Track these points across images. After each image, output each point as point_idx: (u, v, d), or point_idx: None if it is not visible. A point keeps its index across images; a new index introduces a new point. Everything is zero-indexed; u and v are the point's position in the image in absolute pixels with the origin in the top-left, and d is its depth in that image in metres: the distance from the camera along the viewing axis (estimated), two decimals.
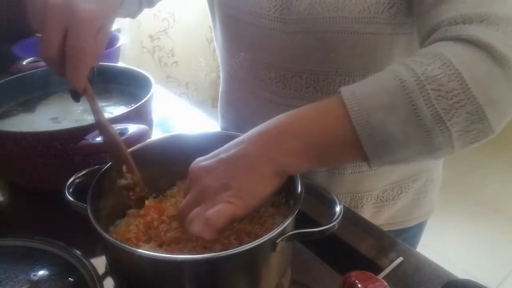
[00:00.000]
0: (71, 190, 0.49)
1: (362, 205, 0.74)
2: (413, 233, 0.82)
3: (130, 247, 0.42)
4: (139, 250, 0.42)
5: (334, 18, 0.58)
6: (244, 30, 0.68)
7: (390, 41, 0.60)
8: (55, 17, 0.43)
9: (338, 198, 0.48)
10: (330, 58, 0.62)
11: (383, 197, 0.74)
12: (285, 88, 0.67)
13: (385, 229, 0.77)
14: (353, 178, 0.71)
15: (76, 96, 0.48)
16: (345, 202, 0.73)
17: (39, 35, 0.44)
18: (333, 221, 0.45)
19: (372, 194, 0.73)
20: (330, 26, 0.58)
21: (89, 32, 0.44)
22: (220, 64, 0.81)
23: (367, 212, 0.74)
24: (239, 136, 0.47)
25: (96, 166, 0.53)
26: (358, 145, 0.42)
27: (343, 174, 0.70)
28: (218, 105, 0.87)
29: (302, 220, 0.48)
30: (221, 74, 0.82)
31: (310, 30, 0.60)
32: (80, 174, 0.52)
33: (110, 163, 0.53)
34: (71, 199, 0.48)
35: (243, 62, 0.72)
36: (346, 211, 0.49)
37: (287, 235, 0.44)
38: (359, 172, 0.70)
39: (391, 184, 0.74)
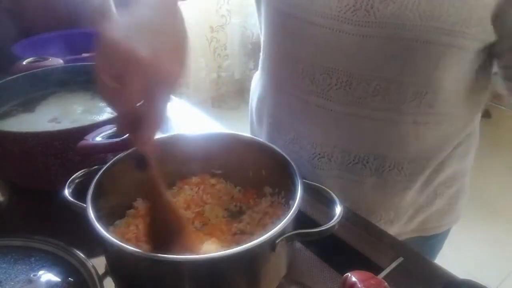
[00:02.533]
0: (71, 190, 0.49)
1: (403, 216, 0.73)
2: (440, 239, 0.81)
3: (130, 247, 0.42)
4: (139, 250, 0.42)
5: (425, 27, 0.53)
6: (303, 30, 0.62)
7: (471, 58, 0.58)
8: (139, 73, 0.37)
9: (338, 198, 0.48)
10: (409, 67, 0.58)
11: (418, 203, 0.73)
12: (347, 96, 0.62)
13: (416, 235, 0.76)
14: (401, 195, 0.69)
15: (142, 163, 0.43)
16: (389, 216, 0.71)
17: (116, 85, 0.37)
18: (333, 221, 0.45)
19: (413, 206, 0.72)
20: (419, 35, 0.54)
21: (170, 94, 0.40)
22: (261, 64, 0.77)
23: (400, 219, 0.73)
24: (240, 137, 0.46)
25: (96, 166, 0.53)
26: None
27: (391, 193, 0.69)
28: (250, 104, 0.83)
29: (302, 220, 0.48)
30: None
31: (393, 36, 0.55)
32: (80, 174, 0.52)
33: (110, 162, 0.53)
34: (71, 199, 0.48)
35: (296, 64, 0.66)
36: (346, 211, 0.49)
37: (287, 235, 0.44)
38: (408, 189, 0.69)
39: (428, 191, 0.72)
